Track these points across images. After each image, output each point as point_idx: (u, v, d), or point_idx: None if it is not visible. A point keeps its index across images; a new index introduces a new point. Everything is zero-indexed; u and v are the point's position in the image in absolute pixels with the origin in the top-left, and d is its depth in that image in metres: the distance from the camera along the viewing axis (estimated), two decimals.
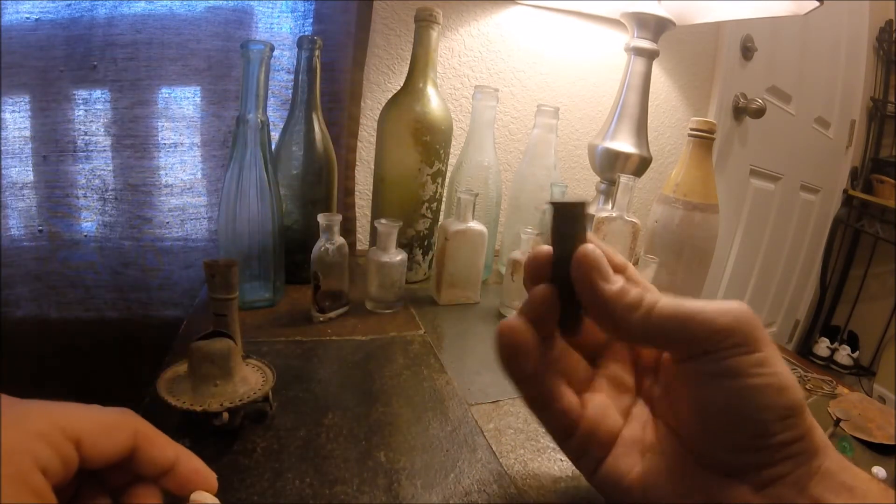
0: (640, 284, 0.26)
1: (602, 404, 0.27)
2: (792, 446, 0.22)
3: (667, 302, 0.23)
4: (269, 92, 0.56)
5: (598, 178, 0.77)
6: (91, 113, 0.64)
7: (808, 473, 0.22)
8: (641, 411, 0.28)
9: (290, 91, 0.59)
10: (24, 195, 0.64)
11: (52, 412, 0.19)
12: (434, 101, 0.61)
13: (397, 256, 0.55)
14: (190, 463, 0.23)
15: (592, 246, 0.24)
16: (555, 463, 0.35)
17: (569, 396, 0.27)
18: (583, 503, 0.31)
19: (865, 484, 0.22)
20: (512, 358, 0.26)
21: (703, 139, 0.63)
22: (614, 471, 0.26)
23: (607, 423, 0.27)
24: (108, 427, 0.20)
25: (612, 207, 0.61)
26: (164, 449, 0.22)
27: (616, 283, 0.24)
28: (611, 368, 0.29)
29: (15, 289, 0.65)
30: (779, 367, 0.22)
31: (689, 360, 0.23)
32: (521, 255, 0.56)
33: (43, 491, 0.17)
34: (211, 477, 0.23)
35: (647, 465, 0.25)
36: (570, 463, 0.28)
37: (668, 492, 0.24)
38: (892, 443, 0.44)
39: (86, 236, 0.67)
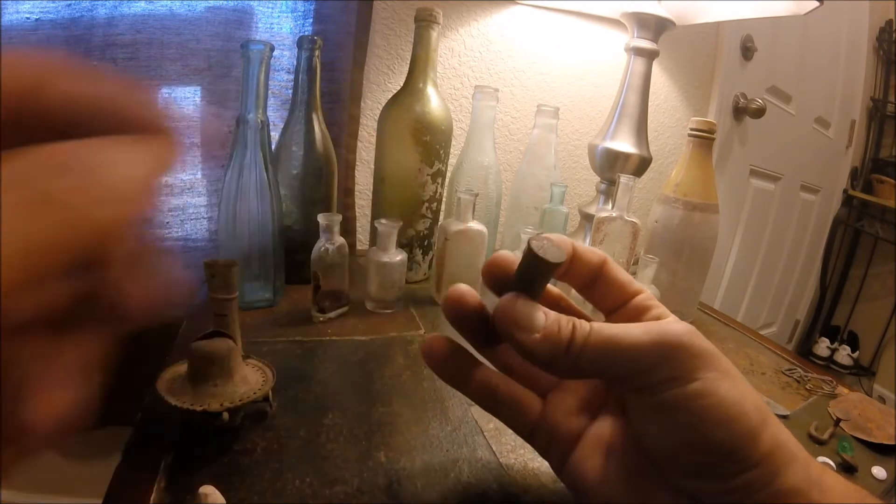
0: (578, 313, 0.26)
1: (567, 403, 0.27)
2: (743, 475, 0.21)
3: (595, 340, 0.22)
4: (269, 92, 0.56)
5: (598, 178, 0.77)
6: None
7: (769, 496, 0.21)
8: (612, 409, 0.27)
9: (290, 91, 0.59)
10: None
11: None
12: (434, 101, 0.61)
13: (397, 256, 0.55)
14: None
15: (521, 301, 0.23)
16: None
17: (522, 398, 0.27)
18: None
19: (832, 497, 0.21)
20: (436, 369, 0.27)
21: (703, 139, 0.63)
22: (578, 471, 0.25)
23: (569, 424, 0.26)
24: None
25: (612, 207, 0.61)
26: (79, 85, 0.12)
27: (537, 330, 0.22)
28: None
29: None
30: (722, 394, 0.21)
31: (628, 392, 0.23)
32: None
33: None
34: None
35: (608, 470, 0.25)
36: None
37: (624, 502, 0.24)
38: (892, 443, 0.44)
39: None
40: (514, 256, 0.25)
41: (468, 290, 0.26)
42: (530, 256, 0.22)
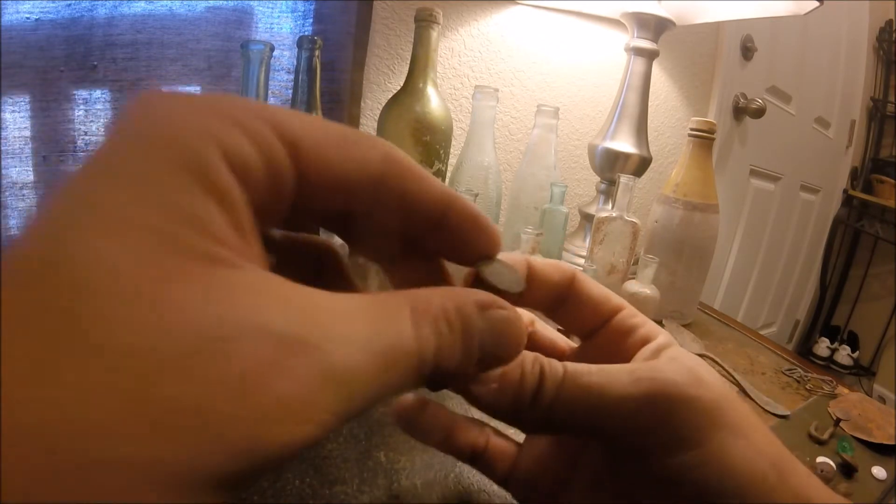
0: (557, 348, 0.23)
1: (544, 452, 0.23)
2: None
3: (570, 390, 0.17)
4: (269, 92, 0.56)
5: (598, 178, 0.77)
6: (91, 113, 0.64)
7: None
8: (594, 454, 0.22)
9: (290, 91, 0.59)
10: (24, 195, 0.64)
11: (255, 104, 0.12)
12: (434, 101, 0.61)
13: None
14: (465, 210, 0.16)
15: None
16: None
17: (494, 446, 0.24)
18: None
19: None
20: (409, 431, 0.24)
21: (703, 139, 0.63)
22: None
23: (546, 476, 0.23)
24: (340, 138, 0.13)
25: (612, 207, 0.61)
26: (432, 185, 0.15)
27: (493, 379, 0.17)
28: None
29: None
30: (734, 458, 0.17)
31: (613, 453, 0.19)
32: (520, 255, 0.56)
33: (228, 190, 0.11)
34: (494, 233, 0.16)
35: None
36: None
37: None
38: (892, 443, 0.44)
39: None
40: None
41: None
42: (481, 287, 0.17)
